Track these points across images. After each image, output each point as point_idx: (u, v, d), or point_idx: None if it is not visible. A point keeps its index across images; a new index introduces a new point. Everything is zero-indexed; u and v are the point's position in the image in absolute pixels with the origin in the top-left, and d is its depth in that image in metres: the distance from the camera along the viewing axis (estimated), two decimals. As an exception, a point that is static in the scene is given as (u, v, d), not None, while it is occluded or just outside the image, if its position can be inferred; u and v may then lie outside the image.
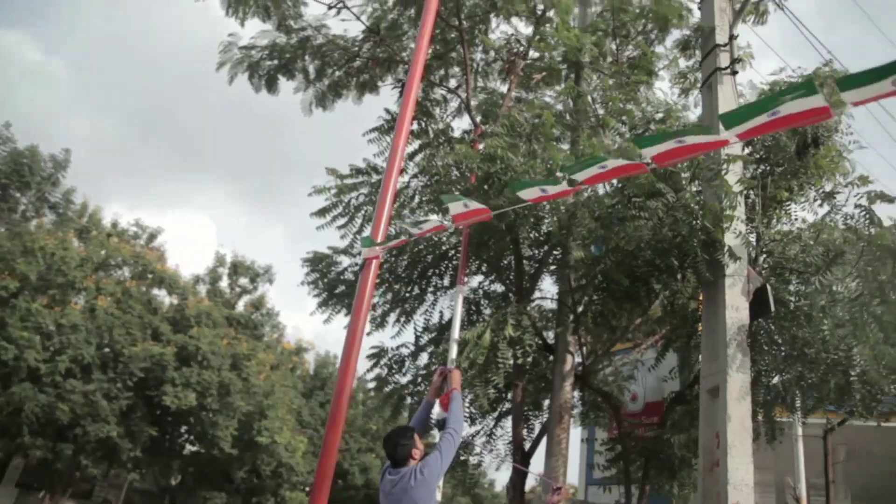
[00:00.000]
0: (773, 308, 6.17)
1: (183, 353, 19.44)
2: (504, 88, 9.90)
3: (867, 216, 6.25)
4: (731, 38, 7.25)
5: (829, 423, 9.59)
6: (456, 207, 4.29)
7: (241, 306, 25.11)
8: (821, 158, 6.84)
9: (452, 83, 9.75)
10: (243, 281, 26.02)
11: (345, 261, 9.88)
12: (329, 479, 4.63)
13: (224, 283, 25.65)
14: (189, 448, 23.39)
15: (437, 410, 4.29)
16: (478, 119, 9.07)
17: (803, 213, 7.30)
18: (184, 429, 22.04)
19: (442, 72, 9.59)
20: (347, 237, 9.42)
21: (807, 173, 6.93)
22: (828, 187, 7.12)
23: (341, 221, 9.28)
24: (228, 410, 20.37)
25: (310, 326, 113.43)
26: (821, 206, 7.11)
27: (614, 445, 9.41)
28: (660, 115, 8.90)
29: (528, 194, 4.09)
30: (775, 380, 8.07)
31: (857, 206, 6.34)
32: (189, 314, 20.66)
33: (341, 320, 9.90)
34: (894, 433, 8.75)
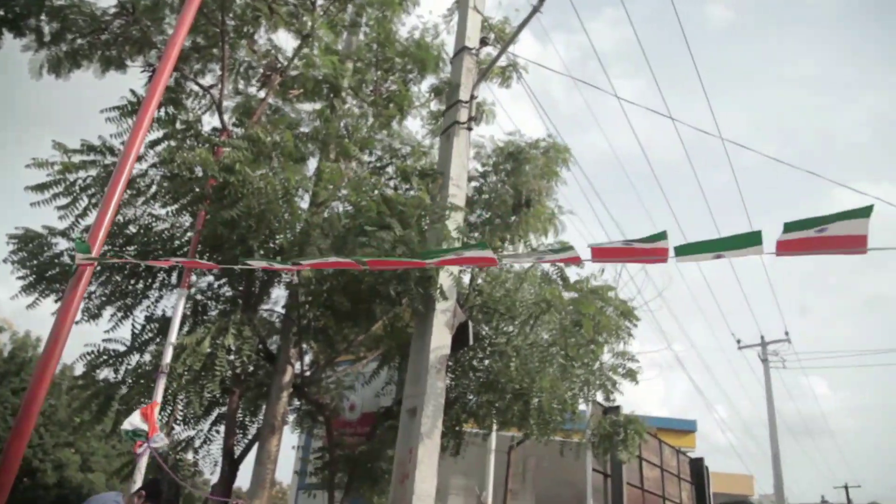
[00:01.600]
0: (471, 342, 7.03)
1: None
2: (262, 94, 9.87)
3: (560, 276, 7.44)
4: (472, 97, 8.11)
5: (513, 439, 10.99)
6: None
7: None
8: (531, 217, 7.94)
9: (209, 79, 9.47)
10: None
11: (62, 243, 9.01)
12: (11, 477, 4.23)
13: None
14: None
15: None
16: (230, 121, 8.93)
17: (513, 262, 8.37)
18: None
19: (199, 66, 9.26)
20: (68, 219, 8.63)
21: (519, 228, 7.99)
22: (534, 244, 8.28)
23: (63, 201, 8.48)
24: None
25: (10, 303, 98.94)
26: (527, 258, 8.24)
27: (324, 454, 9.81)
28: (406, 150, 9.59)
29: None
30: (472, 401, 9.12)
31: (556, 266, 7.50)
32: None
33: (49, 305, 9.02)
34: (557, 448, 10.27)
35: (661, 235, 3.50)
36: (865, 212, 3.02)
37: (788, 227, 3.23)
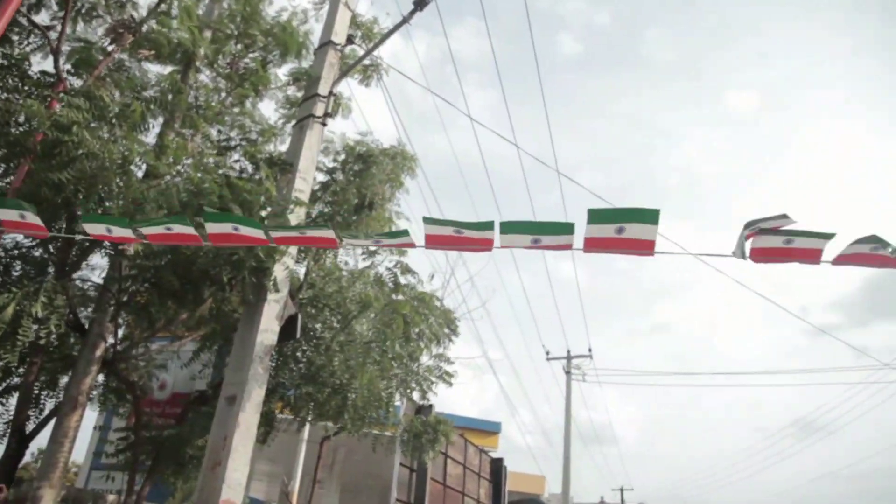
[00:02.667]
0: (299, 335, 7.13)
1: None
2: (108, 46, 9.20)
3: (393, 281, 7.73)
4: (331, 93, 8.19)
5: (327, 430, 11.14)
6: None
7: None
8: (372, 219, 8.17)
9: (45, 16, 8.67)
10: None
11: None
12: None
13: None
14: None
15: None
16: (65, 67, 8.25)
17: (349, 259, 8.56)
18: None
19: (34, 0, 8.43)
20: None
21: (360, 229, 8.19)
22: (373, 246, 8.51)
23: None
24: None
25: None
26: (364, 258, 8.46)
27: (129, 434, 9.37)
28: (256, 131, 9.44)
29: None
30: (291, 392, 9.17)
31: (388, 269, 7.79)
32: None
33: None
34: (368, 441, 10.56)
35: (489, 224, 3.87)
36: (654, 217, 3.57)
37: (592, 215, 3.68)
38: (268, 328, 6.87)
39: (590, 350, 25.72)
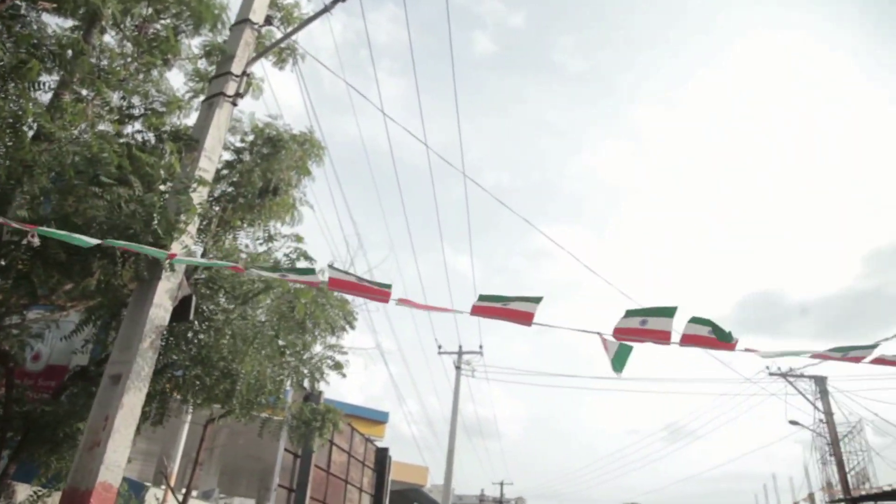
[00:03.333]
0: (192, 316, 7.00)
1: None
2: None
3: (291, 265, 7.71)
4: (244, 73, 8.05)
5: (212, 414, 10.95)
6: None
7: None
8: (276, 204, 8.11)
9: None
10: None
11: None
12: None
13: None
14: None
15: None
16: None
17: (248, 241, 8.44)
18: None
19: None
20: None
21: (261, 213, 8.10)
22: (273, 230, 8.46)
23: None
24: None
25: None
26: (263, 243, 8.38)
27: (-5, 407, 8.83)
28: (162, 100, 9.12)
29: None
30: (179, 373, 8.95)
31: (285, 255, 7.76)
32: None
33: None
34: (255, 425, 10.47)
35: (387, 285, 4.19)
36: (536, 300, 4.04)
37: (482, 298, 4.10)
38: (160, 307, 6.71)
39: (481, 347, 26.37)
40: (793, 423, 24.63)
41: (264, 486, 19.23)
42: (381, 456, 26.87)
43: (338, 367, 8.88)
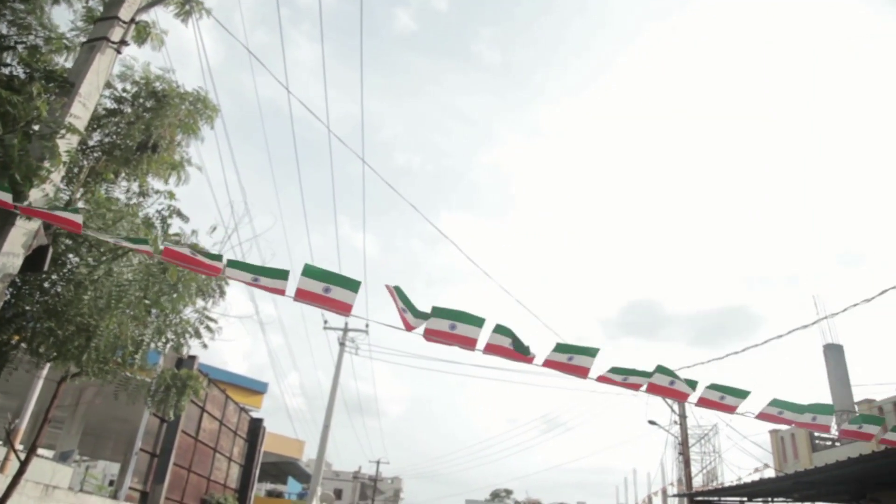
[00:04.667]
0: (46, 268, 6.68)
1: None
2: None
3: (162, 223, 7.49)
4: (133, 20, 7.70)
5: (67, 373, 10.45)
6: None
7: None
8: (155, 162, 7.83)
9: None
10: None
11: None
12: None
13: None
14: None
15: None
16: None
17: (121, 195, 8.11)
18: None
19: None
20: None
21: (138, 168, 7.80)
22: (155, 187, 8.16)
23: None
24: None
25: None
26: (134, 198, 8.07)
27: None
28: (42, 38, 8.59)
29: None
30: (31, 324, 8.51)
31: (157, 211, 7.52)
32: None
33: None
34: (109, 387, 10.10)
35: (218, 257, 4.17)
36: (355, 285, 4.16)
37: (306, 271, 4.16)
38: (12, 252, 6.36)
39: (367, 325, 26.37)
40: (651, 422, 26.28)
41: (127, 450, 18.55)
42: (255, 426, 26.50)
43: (198, 334, 8.68)
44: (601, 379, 5.47)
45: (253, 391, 29.01)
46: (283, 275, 4.20)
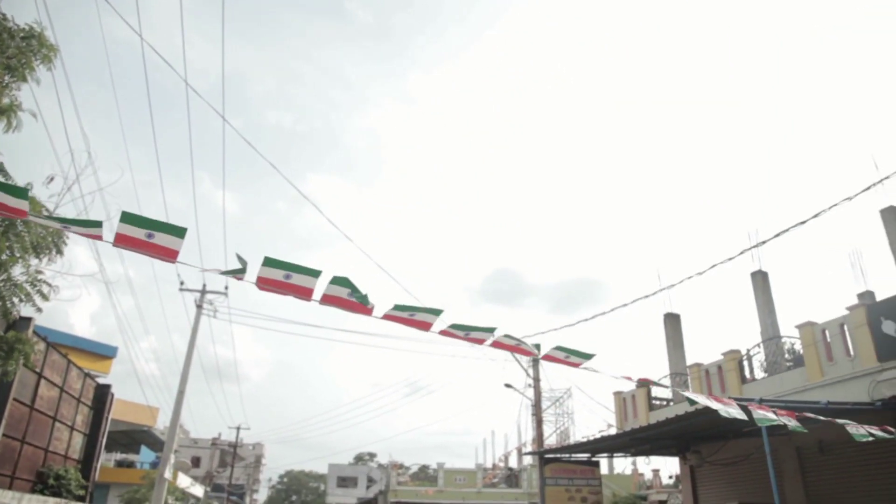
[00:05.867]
0: None
1: None
2: None
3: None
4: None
5: None
6: None
7: None
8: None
9: None
10: None
11: None
12: None
13: None
14: None
15: None
16: None
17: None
18: None
19: None
20: None
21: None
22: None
23: None
24: None
25: None
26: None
27: None
28: None
29: None
30: None
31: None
32: None
33: None
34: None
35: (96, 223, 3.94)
36: (181, 232, 4.07)
37: (124, 217, 4.03)
38: None
39: (226, 287, 25.49)
40: (507, 385, 27.56)
41: (-51, 420, 16.93)
42: (102, 393, 24.98)
43: (28, 297, 8.05)
44: (444, 333, 5.69)
45: (100, 356, 27.28)
46: (95, 224, 3.99)
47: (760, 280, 20.57)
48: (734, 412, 7.40)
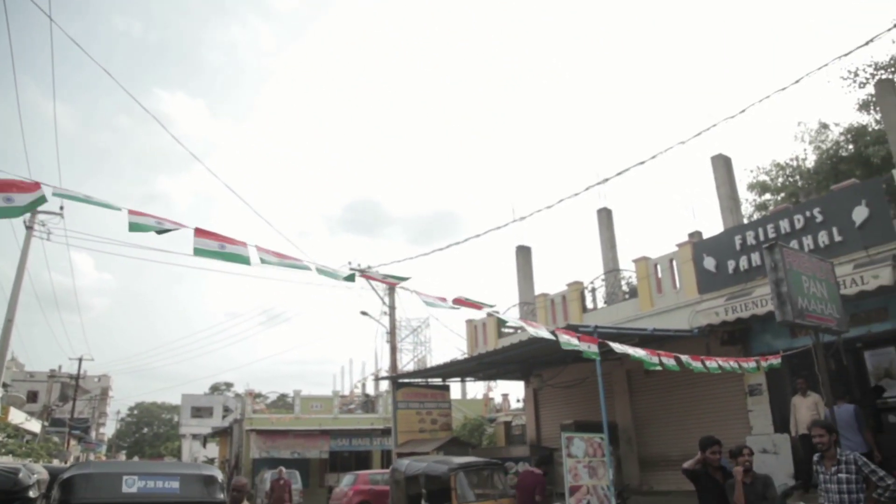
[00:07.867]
0: None
1: None
2: None
3: None
4: None
5: None
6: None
7: None
8: None
9: None
10: None
11: None
12: None
13: None
14: None
15: None
16: None
17: None
18: None
19: None
20: None
21: None
22: None
23: None
24: None
25: None
26: None
27: None
28: None
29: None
30: None
31: None
32: None
33: None
34: None
35: None
36: None
37: None
38: None
39: (62, 208, 23.21)
40: (363, 313, 27.76)
41: None
42: (-90, 322, 22.37)
43: None
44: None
45: None
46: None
47: (605, 217, 21.75)
48: (543, 334, 8.29)
